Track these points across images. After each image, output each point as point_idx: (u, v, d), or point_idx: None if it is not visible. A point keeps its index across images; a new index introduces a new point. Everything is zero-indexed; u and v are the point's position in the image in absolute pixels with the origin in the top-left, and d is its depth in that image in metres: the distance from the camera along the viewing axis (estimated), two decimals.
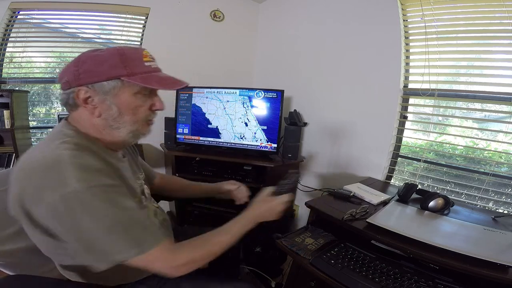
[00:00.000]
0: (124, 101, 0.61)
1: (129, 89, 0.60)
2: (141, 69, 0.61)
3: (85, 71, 0.58)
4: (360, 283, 0.78)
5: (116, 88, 0.59)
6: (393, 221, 0.96)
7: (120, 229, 0.52)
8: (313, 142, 1.93)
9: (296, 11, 2.02)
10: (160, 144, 2.03)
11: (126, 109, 0.62)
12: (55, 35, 1.90)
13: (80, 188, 0.49)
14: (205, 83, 1.89)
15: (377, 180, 1.50)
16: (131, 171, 0.74)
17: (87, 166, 0.52)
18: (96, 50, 0.61)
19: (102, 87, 0.58)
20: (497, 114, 1.31)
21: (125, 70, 0.59)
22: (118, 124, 0.62)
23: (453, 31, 1.32)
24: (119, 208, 0.53)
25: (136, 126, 0.65)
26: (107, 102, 0.60)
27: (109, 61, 0.58)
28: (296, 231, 1.07)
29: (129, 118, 0.63)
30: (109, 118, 0.61)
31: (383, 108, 1.51)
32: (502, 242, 0.82)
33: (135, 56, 0.61)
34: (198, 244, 0.64)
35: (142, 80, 0.60)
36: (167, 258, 0.58)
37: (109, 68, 0.58)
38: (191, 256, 0.61)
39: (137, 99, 0.62)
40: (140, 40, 1.99)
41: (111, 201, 0.53)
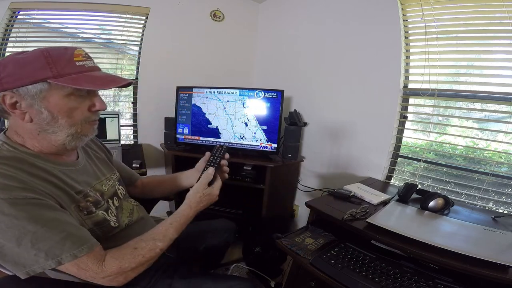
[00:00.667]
0: (55, 104, 0.58)
1: (58, 92, 0.57)
2: (71, 69, 0.58)
3: (7, 75, 0.54)
4: (360, 283, 0.78)
5: (43, 91, 0.56)
6: (393, 221, 0.96)
7: (30, 240, 0.50)
8: (313, 142, 1.93)
9: (296, 11, 2.02)
10: (160, 144, 2.03)
11: (59, 113, 0.59)
12: (55, 35, 1.90)
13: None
14: (205, 83, 1.89)
15: (377, 180, 1.50)
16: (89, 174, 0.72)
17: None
18: (20, 53, 0.58)
19: (27, 91, 0.55)
20: (497, 114, 1.31)
21: (51, 71, 0.55)
22: (54, 128, 0.60)
23: (453, 31, 1.32)
24: (28, 220, 0.50)
25: (74, 129, 0.62)
26: (36, 106, 0.56)
27: (33, 64, 0.55)
28: (296, 231, 1.07)
29: (65, 122, 0.60)
30: (42, 122, 0.58)
31: (383, 108, 1.51)
32: (502, 242, 0.82)
33: (63, 57, 0.58)
34: (128, 252, 0.61)
35: (72, 81, 0.57)
36: (94, 270, 0.55)
37: (33, 71, 0.55)
38: (122, 264, 0.58)
39: (70, 101, 0.59)
40: (140, 40, 1.98)
41: (16, 214, 0.50)
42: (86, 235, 0.58)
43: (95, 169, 0.77)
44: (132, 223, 0.77)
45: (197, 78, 2.09)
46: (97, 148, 0.85)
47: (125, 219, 0.76)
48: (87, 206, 0.65)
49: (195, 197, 0.76)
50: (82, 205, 0.64)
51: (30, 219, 0.51)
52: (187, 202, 0.75)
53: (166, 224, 0.69)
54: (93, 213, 0.65)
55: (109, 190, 0.76)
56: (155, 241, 0.64)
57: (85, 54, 0.63)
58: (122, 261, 0.58)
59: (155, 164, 2.12)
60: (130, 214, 0.78)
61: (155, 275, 0.77)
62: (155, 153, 2.12)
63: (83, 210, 0.64)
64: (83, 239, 0.56)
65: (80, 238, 0.56)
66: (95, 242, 0.58)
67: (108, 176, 0.80)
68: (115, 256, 0.59)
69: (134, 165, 1.60)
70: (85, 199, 0.65)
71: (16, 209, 0.50)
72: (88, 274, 0.55)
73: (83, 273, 0.55)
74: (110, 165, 0.85)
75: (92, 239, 0.58)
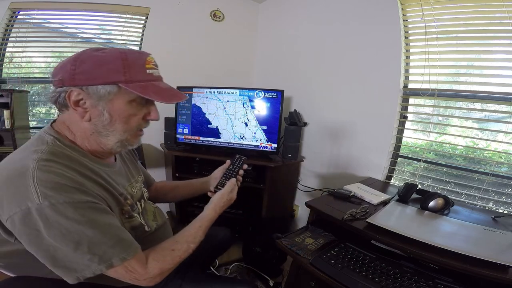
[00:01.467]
0: (118, 108, 0.58)
1: (124, 96, 0.57)
2: (141, 76, 0.58)
3: (82, 71, 0.54)
4: (360, 283, 0.78)
5: (111, 93, 0.56)
6: (393, 221, 0.96)
7: (86, 245, 0.50)
8: (313, 142, 1.93)
9: (296, 11, 2.02)
10: (160, 144, 2.03)
11: (119, 117, 0.59)
12: (55, 35, 1.90)
13: (43, 205, 0.47)
14: (205, 83, 1.89)
15: (377, 180, 1.50)
16: (123, 176, 0.73)
17: (52, 181, 0.49)
18: (98, 49, 0.57)
19: (96, 91, 0.55)
20: (497, 114, 1.31)
21: (124, 76, 0.55)
22: (107, 132, 0.59)
23: (453, 31, 1.32)
24: (86, 224, 0.51)
25: (125, 136, 0.62)
26: (100, 107, 0.57)
27: (110, 64, 0.55)
28: (296, 231, 1.07)
29: (120, 127, 0.60)
30: (99, 124, 0.58)
31: (383, 108, 1.51)
32: (502, 242, 0.82)
33: (137, 62, 0.58)
34: (167, 254, 0.62)
35: (141, 89, 0.57)
36: (139, 272, 0.56)
37: (107, 72, 0.55)
38: (162, 266, 0.60)
39: (131, 108, 0.60)
40: (140, 40, 1.99)
41: (78, 218, 0.50)
42: (131, 238, 0.58)
43: (126, 171, 0.77)
44: (159, 227, 0.78)
45: (197, 78, 2.09)
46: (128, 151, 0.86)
47: (152, 223, 0.76)
48: (129, 210, 0.66)
49: (220, 202, 0.79)
50: (125, 209, 0.65)
51: (89, 224, 0.51)
52: (213, 207, 0.77)
53: (196, 227, 0.71)
54: (133, 217, 0.67)
55: (137, 192, 0.77)
56: (189, 243, 0.67)
57: (154, 62, 0.63)
58: (163, 263, 0.60)
59: (155, 164, 2.12)
60: (154, 218, 0.78)
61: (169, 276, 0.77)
62: (155, 153, 2.12)
63: (125, 213, 0.65)
64: (130, 242, 0.57)
65: (127, 241, 0.56)
66: (138, 246, 0.59)
67: (136, 178, 0.80)
68: (156, 258, 0.60)
69: None
70: (126, 202, 0.66)
71: (78, 213, 0.50)
72: (132, 276, 0.56)
73: (128, 275, 0.56)
74: (137, 167, 0.86)
75: (135, 242, 0.59)
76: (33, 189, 0.47)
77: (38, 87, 2.00)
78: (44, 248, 0.49)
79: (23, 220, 0.48)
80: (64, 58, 2.01)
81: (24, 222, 0.48)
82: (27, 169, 0.49)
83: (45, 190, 0.48)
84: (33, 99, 1.98)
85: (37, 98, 2.02)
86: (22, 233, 0.49)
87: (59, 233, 0.48)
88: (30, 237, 0.49)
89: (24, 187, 0.48)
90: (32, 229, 0.48)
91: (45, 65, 1.98)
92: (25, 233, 0.49)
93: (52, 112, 2.04)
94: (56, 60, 2.00)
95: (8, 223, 0.49)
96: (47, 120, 2.02)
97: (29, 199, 0.47)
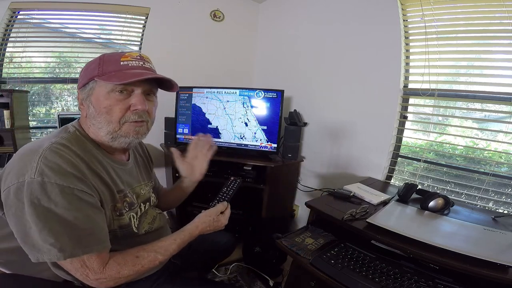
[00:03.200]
0: (97, 100, 0.63)
1: (101, 89, 0.62)
2: (113, 68, 0.62)
3: (81, 76, 0.66)
4: (360, 283, 0.78)
5: (92, 88, 0.63)
6: (393, 221, 0.96)
7: (56, 231, 0.51)
8: (313, 142, 1.93)
9: (296, 11, 2.02)
10: (160, 144, 2.03)
11: (100, 108, 0.62)
12: (55, 35, 1.90)
13: (34, 180, 0.50)
14: (205, 83, 1.89)
15: (377, 180, 1.50)
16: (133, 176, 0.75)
17: (55, 162, 0.53)
18: None
19: (84, 89, 0.65)
20: (497, 114, 1.31)
21: (98, 71, 0.62)
22: (98, 124, 0.64)
23: (453, 31, 1.32)
24: (64, 211, 0.52)
25: (112, 127, 0.63)
26: (87, 102, 0.64)
27: (91, 65, 0.64)
28: (296, 231, 1.07)
29: (104, 118, 0.63)
30: (91, 117, 0.64)
31: (383, 108, 1.51)
32: (502, 242, 0.82)
33: (112, 58, 0.64)
34: (130, 259, 0.61)
35: (107, 78, 0.61)
36: (95, 269, 0.56)
37: (89, 72, 0.63)
38: (120, 270, 0.59)
39: (110, 98, 0.62)
40: (140, 40, 1.99)
41: (59, 202, 0.51)
42: (104, 237, 0.59)
43: (138, 173, 0.80)
44: (151, 230, 0.78)
45: (197, 78, 2.09)
46: (142, 153, 0.90)
47: (146, 225, 0.76)
48: (121, 208, 0.67)
49: (205, 219, 0.76)
50: (118, 206, 0.66)
51: (67, 211, 0.53)
52: (196, 222, 0.75)
53: (170, 240, 0.69)
54: (122, 215, 0.67)
55: (145, 194, 0.79)
56: (156, 254, 0.65)
57: (137, 56, 0.65)
58: (123, 267, 0.59)
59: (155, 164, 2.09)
60: (152, 221, 0.79)
61: (158, 280, 0.77)
62: (155, 153, 2.11)
63: (116, 210, 0.66)
64: (100, 240, 0.57)
65: (98, 239, 0.57)
66: (107, 246, 0.59)
67: (146, 182, 0.83)
68: (117, 261, 0.59)
69: None
70: (123, 200, 0.68)
71: (62, 197, 0.52)
72: (84, 272, 0.55)
73: (81, 271, 0.55)
74: (149, 173, 0.88)
75: (106, 242, 0.59)
76: (35, 164, 0.51)
77: (38, 87, 2.00)
78: (22, 222, 0.51)
79: (16, 192, 0.51)
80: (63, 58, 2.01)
81: (16, 194, 0.51)
82: (40, 148, 0.54)
83: (43, 168, 0.51)
84: (33, 99, 1.98)
85: (37, 98, 2.02)
86: (11, 205, 0.52)
87: (34, 210, 0.50)
88: (16, 209, 0.51)
89: (29, 162, 0.52)
90: (20, 201, 0.51)
91: (45, 65, 1.98)
92: (14, 204, 0.52)
93: (52, 112, 2.04)
94: (56, 60, 2.00)
95: (4, 194, 0.53)
96: (47, 120, 2.02)
97: (28, 173, 0.51)
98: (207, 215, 0.77)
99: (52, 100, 2.04)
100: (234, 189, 0.88)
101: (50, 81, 1.97)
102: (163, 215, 0.87)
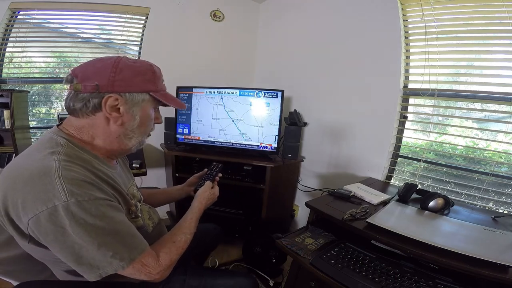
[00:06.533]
0: (146, 113, 0.65)
1: (150, 103, 0.65)
2: (162, 87, 0.68)
3: (122, 79, 0.59)
4: (360, 283, 0.78)
5: (144, 100, 0.63)
6: (393, 221, 0.96)
7: (109, 242, 0.52)
8: (313, 142, 1.93)
9: (296, 11, 2.02)
10: (160, 144, 2.03)
11: (144, 121, 0.66)
12: (55, 35, 1.90)
13: (70, 202, 0.49)
14: (205, 83, 1.89)
15: (377, 180, 1.50)
16: (124, 178, 0.75)
17: (77, 179, 0.51)
18: (131, 59, 0.63)
19: (133, 98, 0.61)
20: (497, 114, 1.31)
21: (154, 86, 0.64)
22: (133, 134, 0.65)
23: (453, 31, 1.31)
24: (108, 221, 0.53)
25: (143, 137, 0.69)
26: (133, 112, 0.62)
27: (145, 75, 0.62)
28: (296, 231, 1.07)
29: (143, 130, 0.67)
30: (129, 127, 0.64)
31: (383, 108, 1.51)
32: (502, 242, 0.82)
33: (159, 74, 0.67)
34: (172, 246, 0.67)
35: (163, 97, 0.66)
36: (153, 265, 0.59)
37: (143, 81, 0.62)
38: (171, 257, 0.65)
39: (152, 113, 0.68)
40: (140, 40, 1.99)
41: (101, 215, 0.52)
42: (141, 235, 0.61)
43: (125, 173, 0.81)
44: (155, 225, 0.80)
45: (197, 78, 2.09)
46: None
47: (149, 222, 0.78)
48: (135, 210, 0.69)
49: (204, 195, 0.88)
50: (132, 209, 0.67)
51: (109, 221, 0.53)
52: (198, 199, 0.86)
53: (188, 220, 0.78)
54: (138, 217, 0.69)
55: (137, 193, 0.80)
56: (186, 235, 0.73)
57: None
58: (171, 254, 0.65)
59: (155, 164, 2.12)
60: (150, 217, 0.80)
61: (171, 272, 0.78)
62: (155, 153, 2.12)
63: (131, 213, 0.67)
64: (141, 238, 0.60)
65: (140, 237, 0.60)
66: (147, 242, 0.61)
67: (132, 181, 0.84)
68: (165, 251, 0.64)
69: (134, 165, 1.61)
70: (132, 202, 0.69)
71: (100, 210, 0.52)
72: (147, 271, 0.58)
73: (144, 270, 0.58)
74: (130, 171, 0.89)
75: (144, 239, 0.61)
76: (60, 187, 0.49)
77: (38, 87, 2.00)
78: (69, 245, 0.50)
79: (49, 218, 0.48)
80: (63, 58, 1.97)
81: (50, 220, 0.48)
82: (51, 169, 0.50)
83: (71, 188, 0.50)
84: (33, 99, 1.98)
85: (37, 98, 2.02)
86: (47, 232, 0.49)
87: (84, 230, 0.50)
88: (56, 235, 0.49)
89: (51, 186, 0.49)
90: (58, 226, 0.49)
91: (45, 65, 1.98)
92: (51, 231, 0.49)
93: (52, 112, 2.04)
94: (56, 60, 2.00)
95: (32, 222, 0.49)
96: (47, 120, 2.03)
97: (56, 197, 0.48)
98: (204, 191, 0.89)
99: (52, 100, 2.04)
100: (216, 171, 1.02)
101: (50, 81, 1.97)
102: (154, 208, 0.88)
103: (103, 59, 0.61)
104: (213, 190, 0.93)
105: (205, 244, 1.15)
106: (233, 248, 1.76)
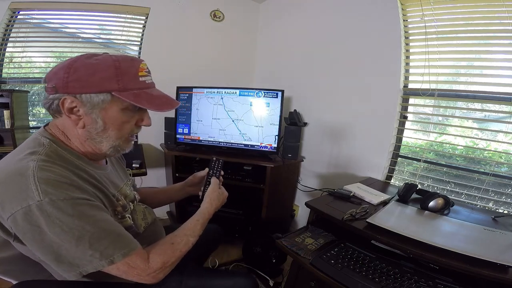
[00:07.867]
0: (111, 116, 0.59)
1: (118, 104, 0.58)
2: (134, 84, 0.59)
3: (75, 79, 0.55)
4: (360, 283, 0.78)
5: (105, 102, 0.57)
6: (393, 221, 0.96)
7: (88, 241, 0.51)
8: (313, 142, 1.93)
9: (296, 11, 2.02)
10: (160, 144, 2.03)
11: (112, 124, 0.60)
12: (55, 35, 1.90)
13: (43, 202, 0.48)
14: (205, 83, 1.89)
15: (377, 180, 1.50)
16: (115, 178, 0.74)
17: (53, 179, 0.51)
18: (91, 56, 0.57)
19: (90, 99, 0.56)
20: (497, 114, 1.31)
21: (117, 84, 0.56)
22: (101, 138, 0.61)
23: (453, 31, 1.31)
24: (86, 220, 0.52)
25: (118, 142, 0.63)
26: (93, 115, 0.57)
27: (103, 72, 0.55)
28: (296, 231, 1.07)
29: (114, 134, 0.61)
30: (93, 131, 0.59)
31: (383, 108, 1.51)
32: (502, 242, 0.82)
33: (130, 70, 0.59)
34: (168, 247, 0.63)
35: (134, 97, 0.57)
36: (141, 267, 0.57)
37: (101, 80, 0.55)
38: (164, 259, 0.61)
39: (124, 115, 0.60)
40: (140, 40, 1.98)
41: (78, 214, 0.51)
42: (130, 235, 0.59)
43: (118, 173, 0.79)
44: (148, 226, 0.79)
45: (197, 78, 2.09)
46: None
47: (141, 222, 0.77)
48: (121, 211, 0.67)
49: (213, 196, 0.82)
50: (118, 209, 0.66)
51: (88, 220, 0.52)
52: (208, 200, 0.80)
53: (194, 221, 0.73)
54: (124, 217, 0.67)
55: (130, 193, 0.78)
56: (188, 237, 0.68)
57: (147, 68, 0.63)
58: (165, 256, 0.61)
59: (155, 164, 2.12)
60: (144, 217, 0.79)
61: None
62: (155, 153, 2.12)
63: (117, 214, 0.66)
64: (129, 238, 0.58)
65: (127, 237, 0.57)
66: (137, 242, 0.59)
67: (126, 181, 0.82)
68: (157, 253, 0.61)
69: (134, 165, 1.61)
70: (118, 203, 0.67)
71: (77, 209, 0.51)
72: (135, 273, 0.56)
73: (131, 272, 0.56)
74: (125, 171, 0.87)
75: (135, 239, 0.59)
76: (34, 186, 0.49)
77: (38, 87, 1.99)
78: (47, 244, 0.50)
79: (24, 217, 0.48)
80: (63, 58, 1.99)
81: (26, 219, 0.49)
82: (27, 169, 0.50)
83: (46, 188, 0.49)
84: (33, 99, 1.98)
85: (37, 98, 2.02)
86: (24, 231, 0.50)
87: (60, 230, 0.49)
88: (33, 234, 0.49)
89: (25, 186, 0.49)
90: (34, 226, 0.49)
91: (45, 65, 1.98)
92: (28, 230, 0.49)
93: None
94: (56, 60, 2.00)
95: (9, 221, 0.50)
96: (47, 120, 2.02)
97: (30, 197, 0.48)
98: (213, 192, 0.82)
99: None
100: (218, 168, 0.94)
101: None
102: (149, 208, 0.87)
103: (68, 59, 0.57)
104: (222, 190, 0.87)
105: (206, 245, 1.11)
106: (233, 248, 1.76)
